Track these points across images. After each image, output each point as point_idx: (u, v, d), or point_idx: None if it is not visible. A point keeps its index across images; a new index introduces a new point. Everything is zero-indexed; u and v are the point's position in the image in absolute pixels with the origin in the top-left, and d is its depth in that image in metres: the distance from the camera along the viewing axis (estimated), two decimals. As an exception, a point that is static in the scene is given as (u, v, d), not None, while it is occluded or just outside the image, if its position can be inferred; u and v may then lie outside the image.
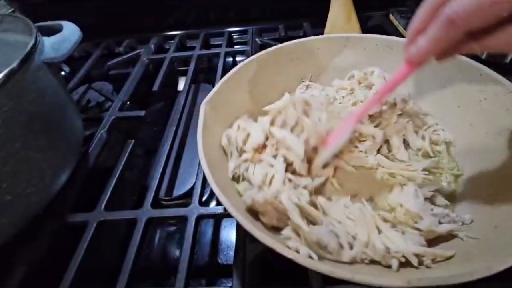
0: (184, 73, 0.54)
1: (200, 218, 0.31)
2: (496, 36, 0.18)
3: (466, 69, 0.31)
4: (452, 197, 0.28)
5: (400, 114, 0.33)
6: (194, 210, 0.31)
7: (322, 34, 0.55)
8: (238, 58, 0.63)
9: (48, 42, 0.32)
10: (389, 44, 0.37)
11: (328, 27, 0.51)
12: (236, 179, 0.30)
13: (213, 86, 0.51)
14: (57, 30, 0.36)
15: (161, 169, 0.37)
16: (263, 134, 0.29)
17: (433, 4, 0.20)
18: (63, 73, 0.61)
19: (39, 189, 0.28)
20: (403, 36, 0.59)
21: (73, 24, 0.38)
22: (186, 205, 0.33)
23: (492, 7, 0.17)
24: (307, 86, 0.38)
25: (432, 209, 0.25)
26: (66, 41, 0.34)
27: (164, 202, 0.37)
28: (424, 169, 0.30)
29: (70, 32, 0.36)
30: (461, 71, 0.32)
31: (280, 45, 0.38)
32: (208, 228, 0.36)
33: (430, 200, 0.27)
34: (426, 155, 0.32)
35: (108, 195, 0.33)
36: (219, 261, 0.33)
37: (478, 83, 0.31)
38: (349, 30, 0.48)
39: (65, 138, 0.31)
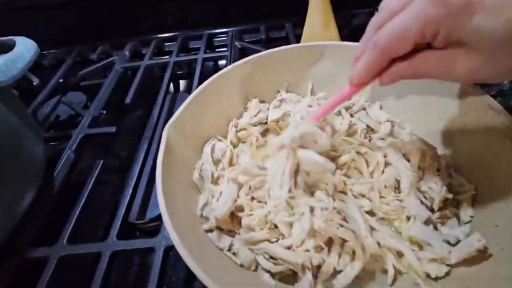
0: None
1: (169, 249, 0.29)
2: (415, 61, 0.20)
3: (447, 81, 0.29)
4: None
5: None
6: (162, 240, 0.29)
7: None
8: (220, 62, 0.61)
9: (-5, 63, 0.29)
10: (368, 52, 0.34)
11: (306, 34, 0.48)
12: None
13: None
14: (8, 46, 0.33)
15: (131, 191, 0.35)
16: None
17: (371, 29, 0.22)
18: (35, 82, 0.58)
19: (-10, 228, 0.26)
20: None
21: (28, 39, 0.35)
22: (158, 230, 0.31)
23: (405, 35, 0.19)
24: (281, 101, 0.36)
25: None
26: (19, 60, 0.31)
27: (138, 226, 0.35)
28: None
29: (24, 49, 0.33)
30: (443, 83, 0.30)
31: (253, 56, 0.36)
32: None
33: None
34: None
35: (71, 226, 0.31)
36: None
37: (459, 96, 0.29)
38: (327, 37, 0.46)
39: (21, 169, 0.29)
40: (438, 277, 0.23)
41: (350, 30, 0.59)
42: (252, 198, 0.27)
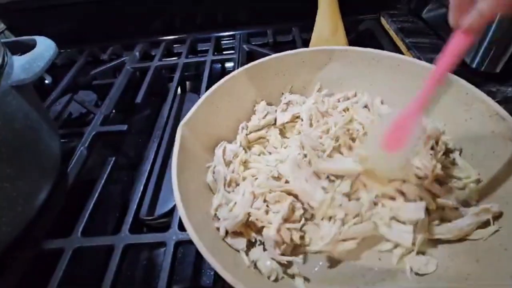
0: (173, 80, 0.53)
1: (179, 244, 0.30)
2: None
3: (453, 86, 0.30)
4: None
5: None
6: (173, 235, 0.30)
7: (310, 39, 0.55)
8: (227, 65, 0.62)
9: (18, 62, 0.30)
10: (375, 57, 0.36)
11: (314, 39, 0.49)
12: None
13: (199, 96, 0.51)
14: (30, 46, 0.34)
15: (142, 188, 0.36)
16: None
17: None
18: (47, 81, 0.60)
19: (10, 219, 0.27)
20: (393, 41, 0.58)
21: (48, 39, 0.36)
22: (166, 227, 0.32)
23: None
24: (287, 104, 0.37)
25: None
26: (40, 59, 0.32)
27: (146, 222, 0.36)
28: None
29: (44, 48, 0.34)
30: (448, 88, 0.31)
31: (264, 59, 0.37)
32: (192, 248, 0.35)
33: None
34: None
35: (85, 219, 0.32)
36: (202, 284, 0.32)
37: (464, 101, 0.30)
38: (336, 42, 0.47)
39: (39, 162, 0.30)
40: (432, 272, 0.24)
41: (357, 35, 0.60)
42: (267, 212, 0.27)
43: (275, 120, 0.37)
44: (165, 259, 0.29)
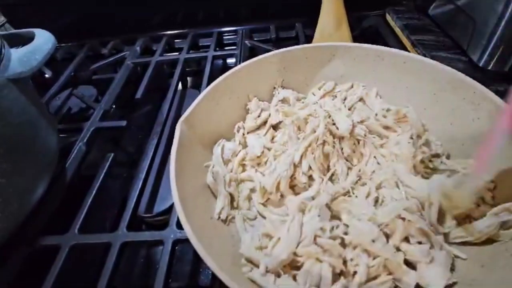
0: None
1: (177, 242, 0.29)
2: None
3: (460, 85, 0.29)
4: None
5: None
6: (171, 234, 0.30)
7: (314, 35, 0.54)
8: (228, 60, 0.61)
9: (16, 54, 0.30)
10: (380, 55, 0.35)
11: (317, 35, 0.48)
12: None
13: (200, 92, 0.50)
14: (28, 38, 0.34)
15: (140, 184, 0.36)
16: None
17: None
18: (47, 75, 0.59)
19: (5, 215, 0.26)
20: (398, 38, 0.57)
21: (47, 32, 0.35)
22: (165, 225, 0.31)
23: None
24: (282, 101, 0.36)
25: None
26: (38, 51, 0.32)
27: (145, 219, 0.36)
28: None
29: (43, 41, 0.34)
30: (455, 87, 0.30)
31: (265, 54, 0.36)
32: (190, 246, 0.34)
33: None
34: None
35: (83, 216, 0.32)
36: (200, 283, 0.32)
37: (471, 100, 0.29)
38: (339, 38, 0.46)
39: (36, 158, 0.30)
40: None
41: (361, 32, 0.59)
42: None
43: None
44: (162, 258, 0.28)
